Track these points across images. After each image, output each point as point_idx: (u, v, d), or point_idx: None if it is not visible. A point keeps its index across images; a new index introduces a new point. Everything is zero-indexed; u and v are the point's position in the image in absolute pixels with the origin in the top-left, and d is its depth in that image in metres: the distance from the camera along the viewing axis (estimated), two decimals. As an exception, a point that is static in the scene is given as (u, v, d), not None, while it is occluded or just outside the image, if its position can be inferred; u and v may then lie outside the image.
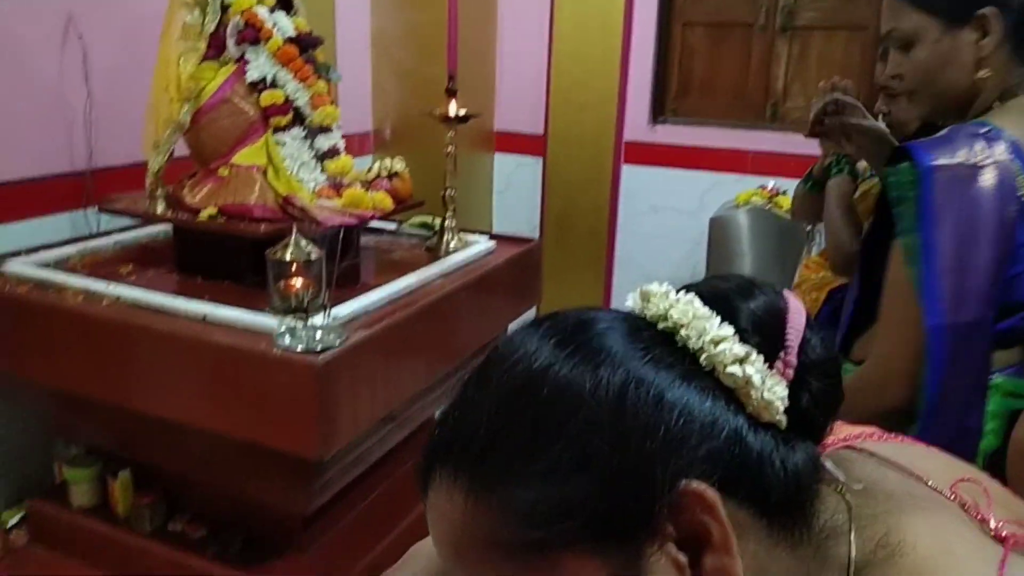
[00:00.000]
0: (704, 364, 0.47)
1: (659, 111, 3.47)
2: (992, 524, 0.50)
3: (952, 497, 0.53)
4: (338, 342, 1.40)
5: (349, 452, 1.55)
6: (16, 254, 1.86)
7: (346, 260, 1.92)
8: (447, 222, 2.01)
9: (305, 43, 1.88)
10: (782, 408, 0.47)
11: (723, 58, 3.36)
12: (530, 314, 2.25)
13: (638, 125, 3.44)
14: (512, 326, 2.13)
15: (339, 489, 1.68)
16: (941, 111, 1.21)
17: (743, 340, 0.48)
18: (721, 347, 0.47)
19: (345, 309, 1.53)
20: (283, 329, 1.41)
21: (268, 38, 1.82)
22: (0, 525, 1.94)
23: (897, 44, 1.19)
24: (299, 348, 1.38)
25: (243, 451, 1.50)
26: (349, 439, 1.46)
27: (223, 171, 1.81)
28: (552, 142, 3.53)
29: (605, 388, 0.45)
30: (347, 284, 1.76)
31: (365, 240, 2.13)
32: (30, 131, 2.02)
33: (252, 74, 1.82)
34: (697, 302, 0.49)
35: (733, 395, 0.47)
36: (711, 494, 0.43)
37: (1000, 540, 0.49)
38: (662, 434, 0.44)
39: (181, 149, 1.86)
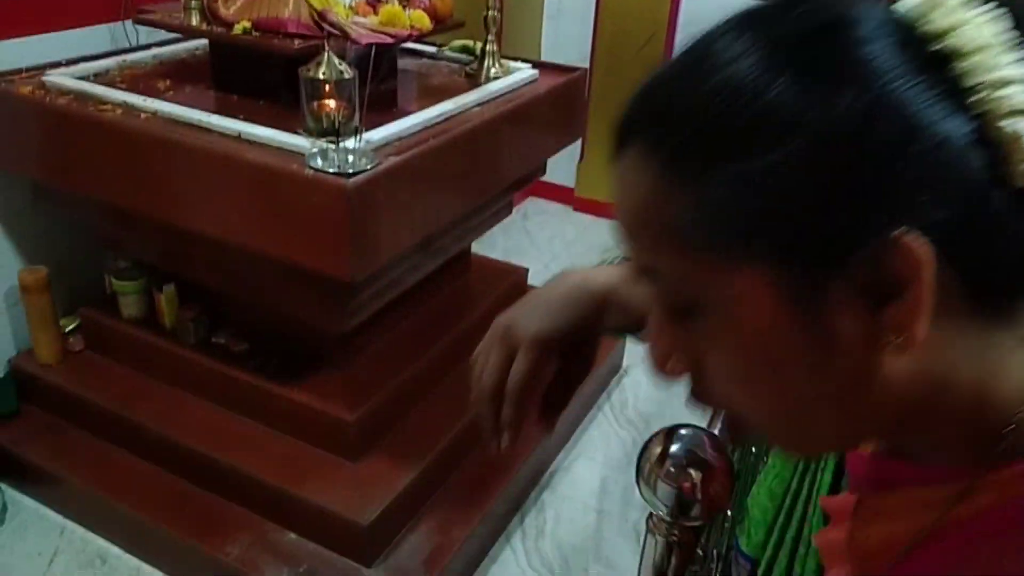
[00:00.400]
0: (974, 105, 0.40)
1: (727, -69, 3.20)
2: None
3: None
4: (369, 166, 1.38)
5: (382, 276, 1.56)
6: (57, 64, 1.85)
7: (382, 82, 1.87)
8: (488, 47, 1.91)
9: None
10: None
11: None
12: (573, 147, 2.18)
13: (703, -54, 3.19)
14: (554, 158, 2.08)
15: (374, 311, 1.72)
16: None
17: None
18: (1005, 91, 0.39)
19: (378, 133, 1.50)
20: (315, 150, 1.39)
21: None
22: (59, 330, 2.04)
23: None
24: (331, 171, 1.36)
25: (280, 269, 1.53)
26: (380, 263, 1.46)
27: (257, -18, 1.73)
28: (608, -38, 3.31)
29: (847, 108, 0.38)
30: (383, 108, 1.72)
31: (403, 63, 2.06)
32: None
33: None
34: (995, 27, 0.40)
35: (995, 147, 0.40)
36: (925, 251, 0.38)
37: None
38: (897, 173, 0.38)
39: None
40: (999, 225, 0.40)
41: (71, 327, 2.10)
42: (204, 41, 1.91)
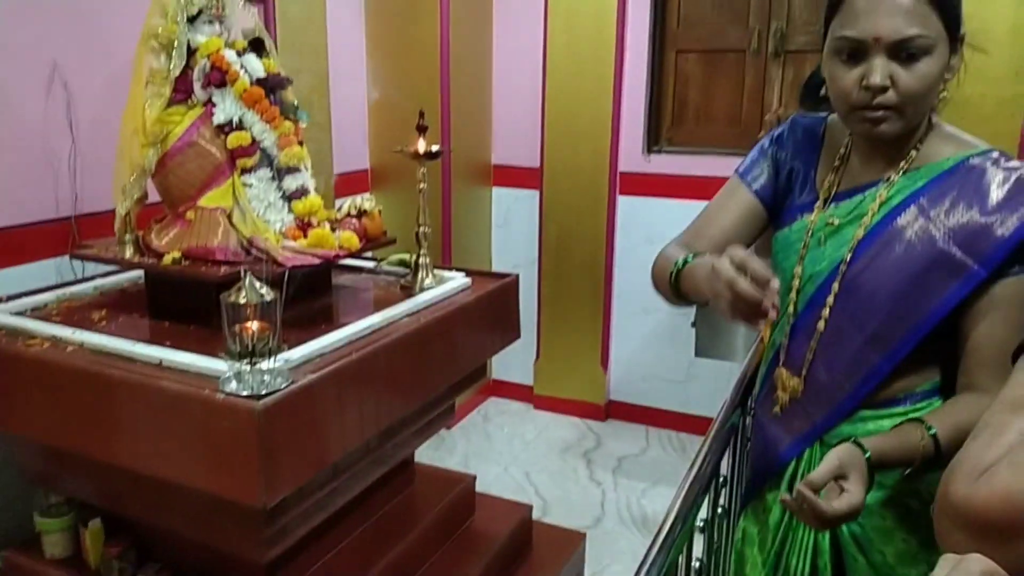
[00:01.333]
0: None
1: (654, 140, 3.43)
2: None
3: None
4: (284, 386, 1.36)
5: (305, 498, 1.50)
6: (-3, 301, 1.86)
7: (316, 299, 1.90)
8: (421, 260, 1.97)
9: (272, 84, 1.87)
10: None
11: (717, 85, 3.32)
12: (512, 348, 2.18)
13: (632, 155, 3.40)
14: (494, 360, 2.09)
15: (304, 535, 1.63)
16: (906, 132, 1.14)
17: None
18: None
19: (300, 351, 1.50)
20: (230, 374, 1.38)
21: (235, 80, 1.82)
22: (-22, 577, 1.92)
23: (914, 51, 1.07)
24: (244, 393, 1.34)
25: (201, 499, 1.47)
26: (295, 486, 1.41)
27: (190, 214, 1.80)
28: (548, 174, 3.51)
29: None
30: (315, 325, 1.73)
31: (342, 279, 2.11)
32: (15, 178, 2.03)
33: (218, 116, 1.82)
34: None
35: None
36: None
37: None
38: None
39: (157, 194, 1.86)
40: None
41: (-7, 572, 1.98)
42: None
